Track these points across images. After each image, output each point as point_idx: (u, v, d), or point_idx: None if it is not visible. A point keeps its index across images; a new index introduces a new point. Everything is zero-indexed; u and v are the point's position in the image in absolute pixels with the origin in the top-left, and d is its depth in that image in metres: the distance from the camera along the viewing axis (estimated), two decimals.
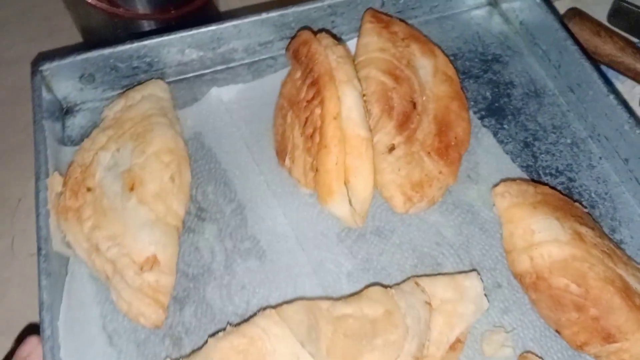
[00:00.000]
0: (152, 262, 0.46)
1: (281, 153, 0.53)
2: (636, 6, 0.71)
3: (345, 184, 0.45)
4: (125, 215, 0.48)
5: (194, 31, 0.59)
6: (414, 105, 0.52)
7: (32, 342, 0.44)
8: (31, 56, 0.69)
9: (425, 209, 0.51)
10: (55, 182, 0.50)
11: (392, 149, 0.49)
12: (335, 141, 0.44)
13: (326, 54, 0.50)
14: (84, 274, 0.50)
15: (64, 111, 0.60)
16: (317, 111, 0.47)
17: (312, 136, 0.47)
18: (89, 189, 0.50)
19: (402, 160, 0.49)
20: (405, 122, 0.50)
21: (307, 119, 0.48)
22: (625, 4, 0.71)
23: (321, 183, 0.45)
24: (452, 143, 0.52)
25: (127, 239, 0.47)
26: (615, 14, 0.72)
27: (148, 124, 0.52)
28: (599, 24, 0.70)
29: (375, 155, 0.48)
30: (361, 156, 0.45)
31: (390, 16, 0.63)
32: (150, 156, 0.50)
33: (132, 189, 0.48)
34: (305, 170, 0.48)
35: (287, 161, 0.51)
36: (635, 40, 0.69)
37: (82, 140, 0.56)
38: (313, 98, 0.47)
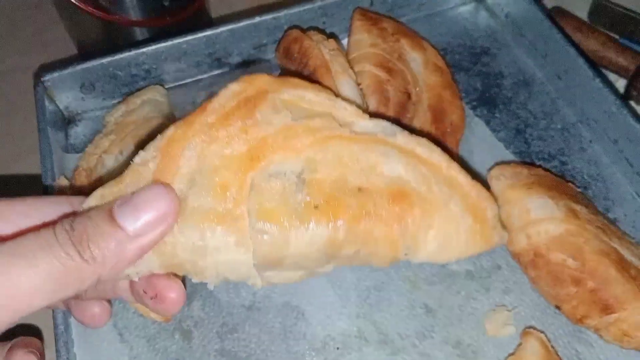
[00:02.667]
0: None
1: None
2: (615, 4, 0.73)
3: None
4: None
5: (189, 37, 0.61)
6: (409, 96, 0.53)
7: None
8: (25, 67, 0.70)
9: None
10: (61, 186, 0.51)
11: None
12: None
13: (319, 47, 0.51)
14: None
15: (67, 121, 0.62)
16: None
17: None
18: None
19: None
20: (401, 112, 0.52)
21: None
22: (605, 2, 0.74)
23: None
24: (448, 130, 0.53)
25: None
26: (596, 12, 0.74)
27: (149, 127, 0.54)
28: (581, 22, 0.72)
29: None
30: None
31: (379, 14, 0.64)
32: None
33: None
34: None
35: None
36: (615, 36, 0.72)
37: (85, 147, 0.58)
38: None
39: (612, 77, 0.69)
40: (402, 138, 0.37)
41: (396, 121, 0.52)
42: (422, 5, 0.69)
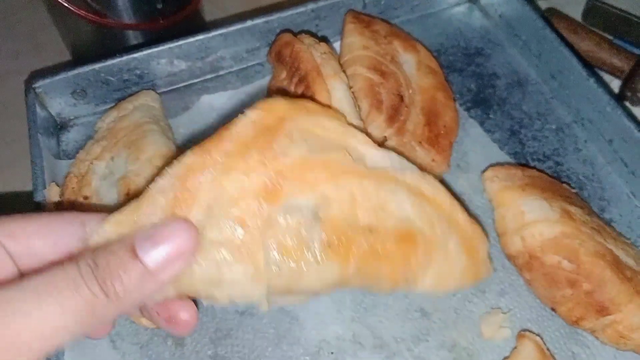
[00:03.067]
0: None
1: None
2: (609, 5, 0.73)
3: None
4: None
5: (182, 42, 0.61)
6: (402, 98, 0.53)
7: None
8: (18, 71, 0.69)
9: None
10: (52, 192, 0.51)
11: (384, 141, 0.51)
12: None
13: (310, 51, 0.51)
14: None
15: (59, 127, 0.62)
16: None
17: None
18: (85, 198, 0.50)
19: (395, 151, 0.50)
20: (394, 115, 0.52)
21: None
22: (599, 3, 0.74)
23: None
24: (442, 132, 0.53)
25: None
26: (589, 13, 0.74)
27: (141, 132, 0.54)
28: (575, 23, 0.72)
29: None
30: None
31: (371, 16, 0.64)
32: (144, 162, 0.51)
33: (127, 194, 0.49)
34: None
35: None
36: (609, 37, 0.72)
37: (77, 154, 0.57)
38: (303, 94, 0.49)
39: (606, 77, 0.69)
40: (411, 175, 0.39)
41: (389, 123, 0.52)
42: (415, 7, 0.69)
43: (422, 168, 0.51)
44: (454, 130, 0.54)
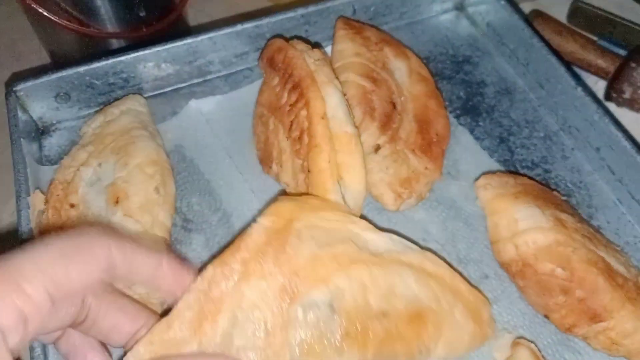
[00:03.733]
0: None
1: (266, 160, 0.53)
2: (593, 6, 0.74)
3: (337, 181, 0.45)
4: None
5: (169, 45, 0.59)
6: (394, 105, 0.53)
7: None
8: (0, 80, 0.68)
9: (414, 205, 0.52)
10: (37, 200, 0.49)
11: (377, 148, 0.50)
12: (325, 140, 0.45)
13: (303, 57, 0.50)
14: None
15: (40, 131, 0.60)
16: (303, 113, 0.47)
17: (300, 138, 0.47)
18: (72, 206, 0.49)
19: (388, 159, 0.50)
20: (387, 123, 0.51)
21: (292, 122, 0.48)
22: (583, 4, 0.75)
23: (315, 183, 0.46)
24: (434, 139, 0.53)
25: None
26: (574, 14, 0.76)
27: (129, 137, 0.52)
28: (560, 24, 0.73)
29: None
30: (352, 152, 0.46)
31: (362, 23, 0.64)
32: (133, 168, 0.50)
33: (117, 202, 0.48)
34: (294, 173, 0.49)
35: (274, 167, 0.51)
36: (594, 38, 0.73)
37: (60, 159, 0.56)
38: (297, 101, 0.48)
39: (592, 78, 0.70)
40: (412, 254, 0.43)
41: (382, 131, 0.52)
42: (403, 14, 0.69)
43: (415, 175, 0.52)
44: (445, 138, 0.54)
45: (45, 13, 0.60)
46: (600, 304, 0.44)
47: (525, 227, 0.47)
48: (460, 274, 0.45)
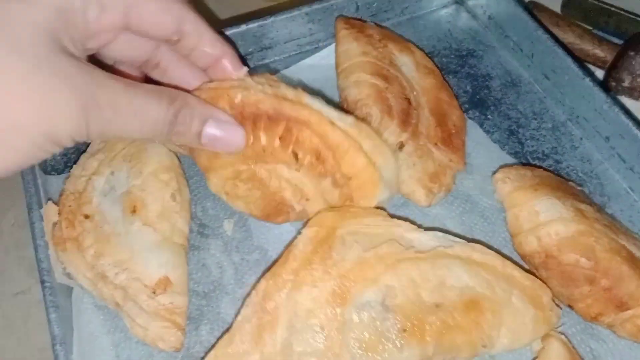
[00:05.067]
0: (164, 284, 0.45)
1: (276, 212, 0.47)
2: None
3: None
4: (130, 240, 0.46)
5: None
6: (409, 101, 0.53)
7: None
8: None
9: (443, 198, 0.52)
10: (50, 212, 0.48)
11: (401, 146, 0.50)
12: (348, 140, 0.43)
13: (257, 96, 0.42)
14: (89, 305, 0.48)
15: None
16: (305, 135, 0.42)
17: (318, 159, 0.43)
18: (86, 217, 0.48)
19: (414, 155, 0.50)
20: (406, 119, 0.51)
21: (294, 152, 0.43)
22: None
23: (360, 186, 0.43)
24: (453, 131, 0.53)
25: (136, 264, 0.45)
26: (569, 5, 0.76)
27: (140, 144, 0.51)
28: (557, 15, 0.74)
29: None
30: (370, 136, 0.43)
31: (362, 20, 0.64)
32: (148, 176, 0.49)
33: (134, 211, 0.47)
34: (324, 195, 0.45)
35: (297, 207, 0.46)
36: (588, 28, 0.74)
37: (66, 168, 0.55)
38: (287, 130, 0.42)
39: (590, 68, 0.71)
40: (459, 247, 0.43)
41: (403, 128, 0.51)
42: (405, 9, 0.69)
43: (442, 169, 0.51)
44: (463, 128, 0.55)
45: None
46: (626, 292, 0.44)
47: (547, 219, 0.47)
48: (515, 262, 0.45)
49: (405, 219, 0.45)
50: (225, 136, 0.41)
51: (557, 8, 0.76)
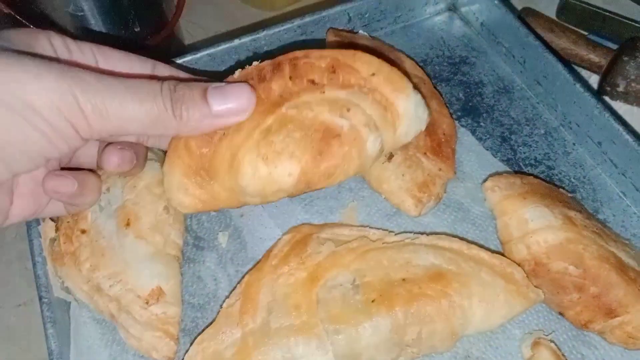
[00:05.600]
0: (157, 295, 0.46)
1: (328, 144, 0.43)
2: (582, 1, 0.75)
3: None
4: (124, 252, 0.47)
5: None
6: None
7: None
8: None
9: (433, 207, 0.53)
10: (48, 228, 0.49)
11: (390, 156, 0.51)
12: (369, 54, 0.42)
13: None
14: (87, 319, 0.49)
15: None
16: (311, 60, 0.42)
17: (334, 72, 0.42)
18: (83, 231, 0.49)
19: (402, 166, 0.51)
20: None
21: (309, 81, 0.42)
22: (572, 1, 0.76)
23: (386, 78, 0.42)
24: (443, 139, 0.54)
25: (129, 275, 0.47)
26: (563, 10, 0.77)
27: None
28: (551, 20, 0.74)
29: (377, 166, 0.50)
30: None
31: (352, 32, 0.64)
32: (141, 190, 0.50)
33: (127, 224, 0.48)
34: (360, 102, 0.42)
35: (344, 123, 0.42)
36: (583, 33, 0.74)
37: None
38: (292, 69, 0.43)
39: (584, 73, 0.71)
40: (425, 237, 0.47)
41: None
42: (397, 18, 0.69)
43: (431, 178, 0.52)
44: (453, 136, 0.55)
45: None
46: (615, 299, 0.44)
47: (536, 227, 0.47)
48: (498, 252, 0.48)
49: (377, 227, 0.51)
50: (232, 92, 0.40)
51: (552, 13, 0.77)
